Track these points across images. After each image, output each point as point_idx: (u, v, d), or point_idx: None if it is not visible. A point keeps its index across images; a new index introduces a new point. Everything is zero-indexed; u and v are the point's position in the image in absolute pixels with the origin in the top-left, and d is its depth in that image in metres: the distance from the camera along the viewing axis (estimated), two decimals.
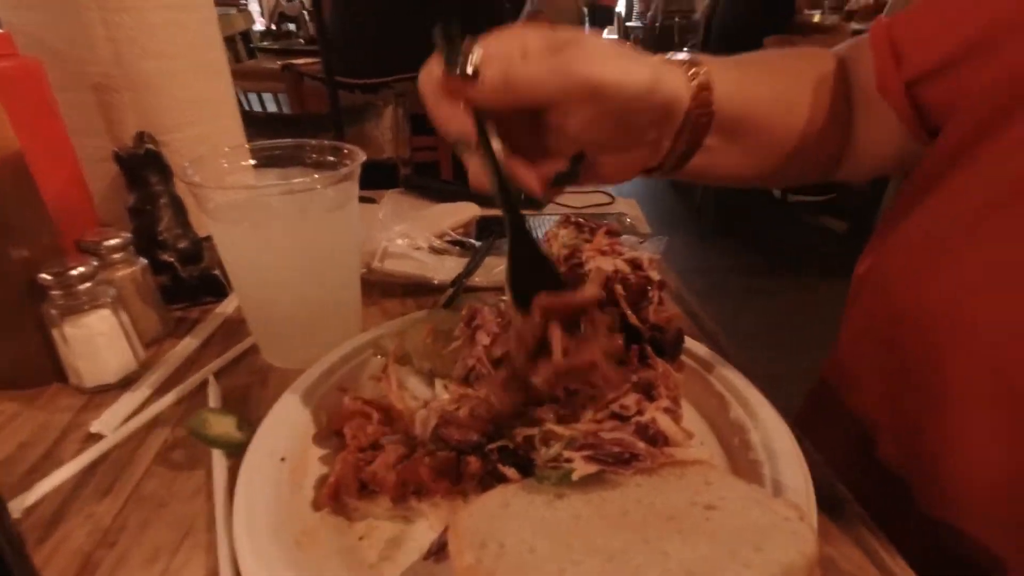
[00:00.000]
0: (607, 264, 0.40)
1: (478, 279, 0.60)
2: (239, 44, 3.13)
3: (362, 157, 0.46)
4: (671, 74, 0.36)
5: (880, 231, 0.48)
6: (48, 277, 0.43)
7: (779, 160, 0.47)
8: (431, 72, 0.32)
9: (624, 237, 0.66)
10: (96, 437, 0.41)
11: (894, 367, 0.43)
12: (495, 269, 0.62)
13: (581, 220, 0.45)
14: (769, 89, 0.45)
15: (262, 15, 7.46)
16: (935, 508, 0.40)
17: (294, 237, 0.43)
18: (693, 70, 0.39)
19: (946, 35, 0.42)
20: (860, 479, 0.40)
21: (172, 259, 0.57)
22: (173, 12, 0.56)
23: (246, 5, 6.89)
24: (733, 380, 0.43)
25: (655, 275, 0.40)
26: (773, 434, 0.37)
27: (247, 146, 0.48)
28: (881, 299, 0.45)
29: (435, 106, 0.32)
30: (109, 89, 0.56)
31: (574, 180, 0.38)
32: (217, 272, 0.58)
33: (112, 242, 0.48)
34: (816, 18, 3.42)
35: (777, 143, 0.46)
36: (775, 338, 2.35)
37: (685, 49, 3.59)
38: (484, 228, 0.75)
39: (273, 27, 6.13)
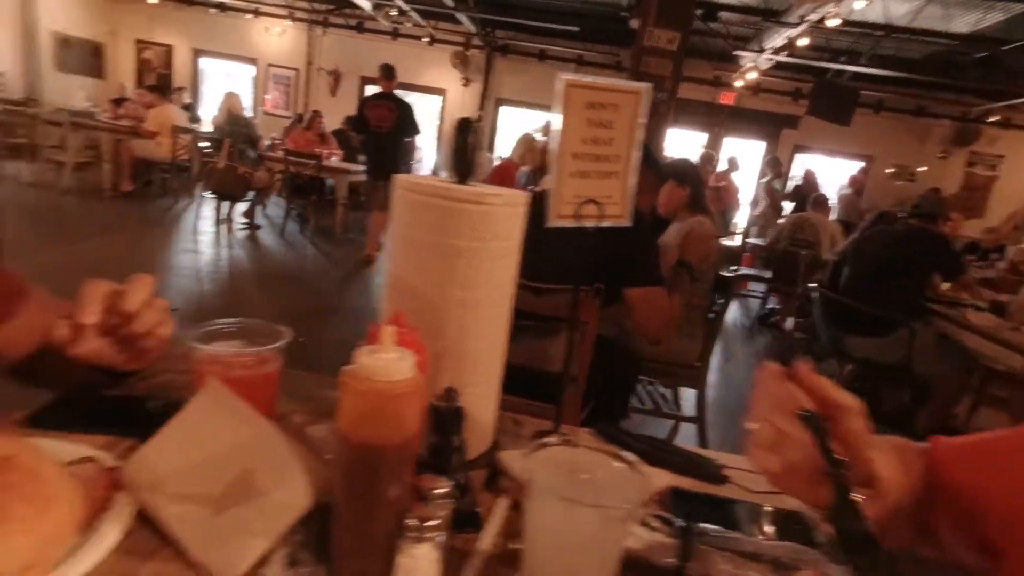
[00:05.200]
0: None
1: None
2: None
3: None
4: None
5: None
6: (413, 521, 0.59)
7: None
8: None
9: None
10: None
11: None
12: None
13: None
14: None
15: None
16: None
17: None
18: None
19: None
20: None
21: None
22: (495, 307, 0.79)
23: None
24: None
25: None
26: None
27: None
28: None
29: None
30: (443, 356, 0.77)
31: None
32: (479, 510, 0.73)
33: (439, 491, 0.64)
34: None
35: None
36: None
37: (809, 284, 3.73)
38: (679, 498, 0.84)
39: None
